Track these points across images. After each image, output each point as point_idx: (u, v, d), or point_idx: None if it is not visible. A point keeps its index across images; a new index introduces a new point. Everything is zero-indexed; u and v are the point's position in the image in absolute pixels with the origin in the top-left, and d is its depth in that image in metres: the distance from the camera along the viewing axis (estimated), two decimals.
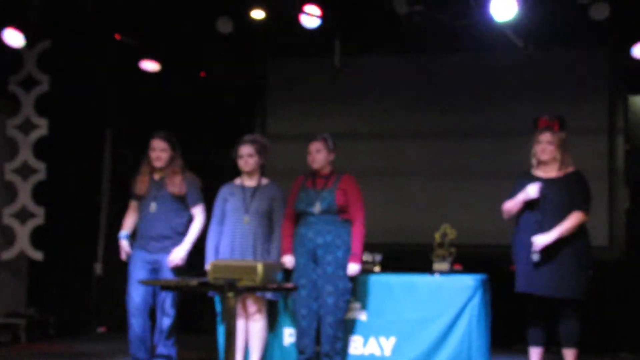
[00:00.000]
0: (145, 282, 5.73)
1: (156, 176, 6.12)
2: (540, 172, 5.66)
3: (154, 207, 6.02)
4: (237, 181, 6.06)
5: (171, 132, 6.16)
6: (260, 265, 4.74)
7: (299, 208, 5.91)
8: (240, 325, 5.90)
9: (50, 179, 7.97)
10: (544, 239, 5.42)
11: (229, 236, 5.90)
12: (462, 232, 6.25)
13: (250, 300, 5.88)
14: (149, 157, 6.11)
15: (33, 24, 7.26)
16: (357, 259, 5.80)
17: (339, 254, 5.80)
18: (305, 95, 8.47)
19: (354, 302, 6.03)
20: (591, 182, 5.67)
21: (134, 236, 6.16)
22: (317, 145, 5.93)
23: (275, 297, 6.01)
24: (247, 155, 5.95)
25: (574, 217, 5.46)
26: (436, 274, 6.08)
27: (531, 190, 5.52)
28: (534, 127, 5.70)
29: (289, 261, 5.89)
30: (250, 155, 5.95)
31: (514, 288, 5.60)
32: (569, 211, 5.47)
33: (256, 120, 8.59)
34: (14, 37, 7.21)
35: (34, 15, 7.13)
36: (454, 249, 6.14)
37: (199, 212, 6.11)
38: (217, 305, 6.11)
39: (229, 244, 5.88)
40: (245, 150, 5.96)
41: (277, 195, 6.00)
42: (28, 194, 7.90)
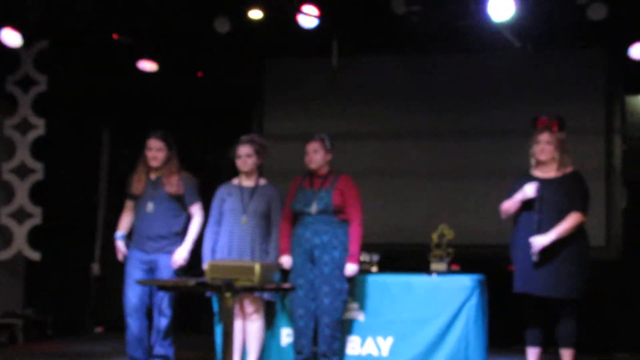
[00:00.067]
0: (143, 282, 5.73)
1: (153, 176, 6.11)
2: (539, 172, 5.65)
3: (151, 207, 6.02)
4: (235, 181, 6.05)
5: (168, 132, 6.16)
6: (257, 266, 4.74)
7: (296, 208, 5.90)
8: (238, 326, 5.89)
9: (48, 179, 7.95)
10: (542, 240, 5.41)
11: (226, 236, 5.89)
12: (459, 232, 6.25)
13: (248, 301, 5.87)
14: (146, 157, 6.10)
15: (31, 24, 7.25)
16: (354, 259, 5.80)
17: (335, 254, 5.79)
18: (303, 95, 8.46)
19: (352, 302, 6.03)
20: (588, 182, 5.67)
21: (130, 236, 6.16)
22: (314, 146, 5.92)
23: (272, 297, 6.01)
24: (245, 155, 5.95)
25: (572, 218, 5.45)
26: (434, 274, 6.08)
27: (528, 190, 5.51)
28: (532, 127, 5.68)
29: (286, 261, 5.89)
30: (249, 156, 5.94)
31: (512, 288, 5.59)
32: (567, 211, 5.46)
33: (254, 120, 8.58)
34: (11, 37, 7.20)
35: (31, 15, 7.11)
36: (452, 250, 6.14)
37: (197, 210, 6.11)
38: (215, 305, 6.10)
39: (226, 244, 5.87)
40: (244, 150, 5.95)
41: (274, 195, 5.99)
42: (25, 194, 7.88)
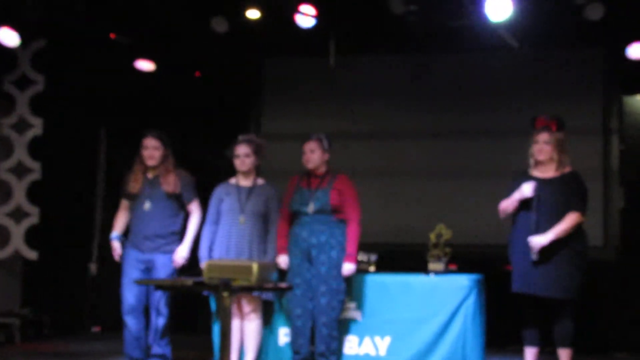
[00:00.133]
0: (140, 282, 5.72)
1: (149, 175, 6.10)
2: (537, 172, 5.64)
3: (148, 206, 6.01)
4: (233, 181, 6.05)
5: (164, 131, 6.15)
6: (255, 265, 4.74)
7: (293, 208, 5.90)
8: (236, 325, 5.89)
9: (45, 178, 7.94)
10: (540, 240, 5.40)
11: (224, 236, 5.89)
12: (457, 232, 6.24)
13: (246, 300, 5.87)
14: (142, 156, 6.09)
15: (28, 23, 7.24)
16: (351, 259, 5.80)
17: (332, 254, 5.79)
18: (301, 94, 8.46)
19: (349, 302, 6.03)
20: (586, 183, 5.67)
21: (126, 235, 6.15)
22: (312, 145, 5.91)
23: (271, 297, 6.00)
24: (243, 155, 5.94)
25: (570, 218, 5.44)
26: (431, 274, 6.08)
27: (526, 189, 5.51)
28: (531, 126, 5.68)
29: (282, 261, 5.88)
30: (247, 155, 5.94)
31: (510, 288, 5.59)
32: (565, 211, 5.46)
33: (251, 119, 8.58)
34: (8, 37, 7.19)
35: (29, 15, 7.11)
36: (449, 249, 6.14)
37: (195, 208, 6.11)
38: (213, 305, 6.10)
39: (224, 244, 5.86)
40: (242, 150, 5.94)
41: (272, 195, 5.99)
42: (23, 194, 7.87)
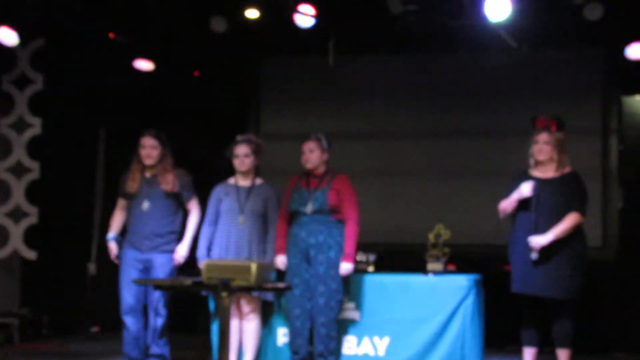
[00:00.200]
0: (139, 282, 5.72)
1: (147, 174, 6.09)
2: (537, 173, 5.63)
3: (146, 206, 6.00)
4: (231, 181, 6.04)
5: (161, 130, 6.14)
6: (254, 265, 4.74)
7: (292, 208, 5.90)
8: (234, 325, 5.89)
9: (44, 178, 7.93)
10: (539, 241, 5.40)
11: (223, 236, 5.88)
12: (456, 232, 6.24)
13: (245, 300, 5.87)
14: (139, 155, 6.08)
15: (27, 23, 7.23)
16: (349, 258, 5.79)
17: (331, 254, 5.78)
18: (300, 94, 8.46)
19: (348, 302, 6.03)
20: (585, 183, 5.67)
21: (122, 235, 6.14)
22: (311, 145, 5.91)
23: (270, 297, 6.00)
24: (243, 155, 5.94)
25: (570, 219, 5.44)
26: (430, 274, 6.07)
27: (524, 189, 5.50)
28: (531, 126, 5.68)
29: (280, 261, 5.88)
30: (247, 155, 5.93)
31: (509, 288, 5.59)
32: (564, 212, 5.45)
33: (250, 119, 8.58)
34: (7, 36, 7.19)
35: (28, 14, 7.10)
36: (448, 249, 6.14)
37: (194, 206, 6.11)
38: (211, 305, 6.09)
39: (224, 244, 5.86)
40: (242, 150, 5.94)
41: (271, 195, 5.98)
42: (21, 193, 7.87)
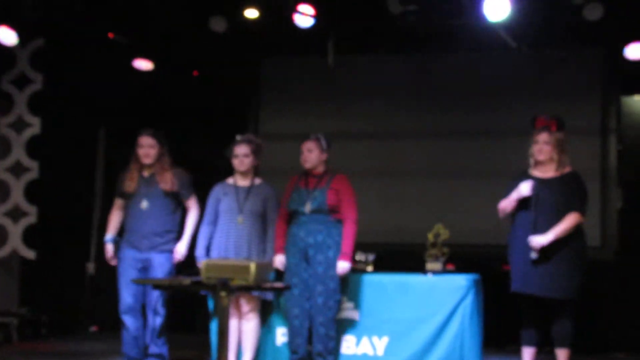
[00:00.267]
0: (138, 282, 5.71)
1: (145, 173, 6.08)
2: (537, 172, 5.63)
3: (145, 205, 5.99)
4: (230, 181, 6.04)
5: (159, 129, 6.13)
6: (253, 265, 4.74)
7: (291, 208, 5.89)
8: (233, 325, 5.89)
9: (43, 177, 7.93)
10: (540, 240, 5.39)
11: (223, 236, 5.88)
12: (455, 232, 6.24)
13: (244, 300, 5.87)
14: (137, 155, 6.07)
15: (26, 23, 7.24)
16: (346, 257, 5.78)
17: (329, 253, 5.78)
18: (299, 94, 8.46)
19: (347, 302, 6.02)
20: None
21: (120, 235, 6.13)
22: (309, 145, 5.91)
23: (270, 297, 6.00)
24: (242, 155, 5.93)
25: (570, 219, 5.44)
26: (429, 274, 6.07)
27: (523, 188, 5.50)
28: (531, 125, 5.67)
29: (279, 261, 5.88)
30: (246, 155, 5.93)
31: (508, 288, 5.59)
32: (564, 212, 5.45)
33: (250, 119, 8.58)
34: (7, 35, 7.19)
35: (27, 14, 7.10)
36: (447, 249, 6.14)
37: (193, 204, 6.10)
38: (210, 304, 6.09)
39: (223, 244, 5.86)
40: (241, 150, 5.94)
41: (270, 195, 5.98)
42: (20, 193, 7.87)
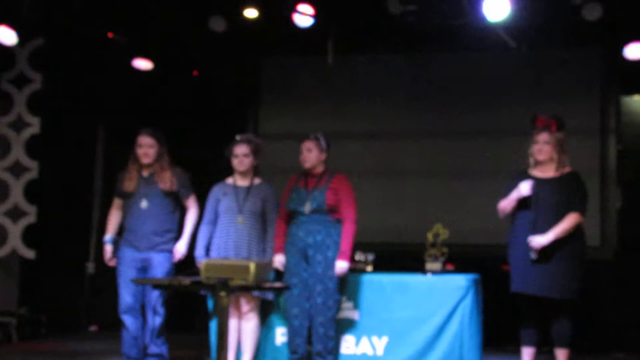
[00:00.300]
0: (138, 282, 5.71)
1: (144, 173, 6.07)
2: (537, 172, 5.63)
3: (144, 204, 5.98)
4: (229, 181, 6.03)
5: (159, 129, 6.12)
6: (252, 265, 4.74)
7: (290, 207, 5.89)
8: (233, 324, 5.89)
9: (42, 177, 7.94)
10: (540, 240, 5.39)
11: (223, 236, 5.87)
12: (454, 231, 6.24)
13: (244, 300, 5.87)
14: (137, 154, 6.06)
15: (26, 22, 7.24)
16: (344, 256, 5.76)
17: (329, 253, 5.77)
18: (299, 94, 8.46)
19: (347, 302, 6.02)
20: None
21: (119, 234, 6.13)
22: (309, 145, 5.90)
23: (271, 297, 6.00)
24: (242, 155, 5.93)
25: (570, 219, 5.44)
26: (428, 274, 6.07)
27: (523, 188, 5.50)
28: (531, 125, 5.68)
29: (278, 261, 5.87)
30: (246, 155, 5.93)
31: (507, 288, 5.59)
32: (563, 211, 5.45)
33: (249, 119, 8.58)
34: (6, 35, 7.20)
35: (26, 13, 7.10)
36: (446, 249, 6.14)
37: (192, 203, 6.10)
38: (210, 304, 6.09)
39: (223, 244, 5.85)
40: (241, 149, 5.93)
41: (270, 194, 5.98)
42: (20, 193, 7.88)
